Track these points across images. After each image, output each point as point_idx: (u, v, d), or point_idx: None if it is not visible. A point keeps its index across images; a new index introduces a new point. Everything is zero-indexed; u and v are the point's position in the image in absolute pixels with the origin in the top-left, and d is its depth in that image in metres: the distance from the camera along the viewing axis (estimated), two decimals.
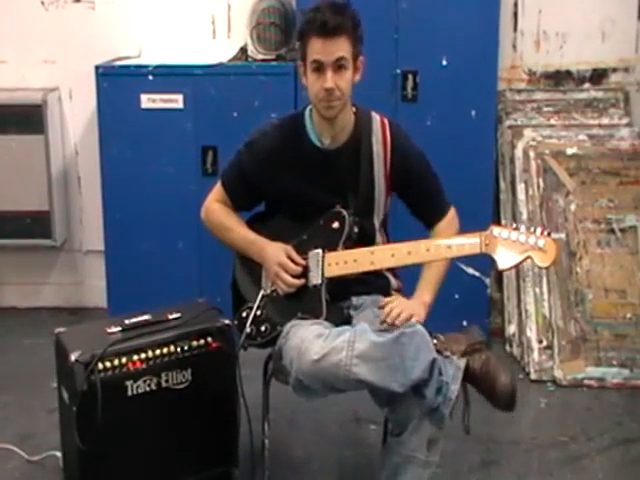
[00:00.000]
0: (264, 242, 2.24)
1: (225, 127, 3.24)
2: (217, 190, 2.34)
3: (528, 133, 3.46)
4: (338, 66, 2.06)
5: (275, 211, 2.31)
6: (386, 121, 2.23)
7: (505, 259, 1.96)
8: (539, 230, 1.96)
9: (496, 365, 2.07)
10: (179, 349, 2.29)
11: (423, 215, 2.27)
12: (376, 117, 2.23)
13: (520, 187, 3.41)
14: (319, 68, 2.07)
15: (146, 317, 2.36)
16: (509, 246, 1.95)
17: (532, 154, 3.40)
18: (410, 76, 3.23)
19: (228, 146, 2.44)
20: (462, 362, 2.07)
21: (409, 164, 2.23)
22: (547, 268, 2.75)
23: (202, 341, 2.33)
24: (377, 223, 2.25)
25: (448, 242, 2.03)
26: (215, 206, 2.33)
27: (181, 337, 2.30)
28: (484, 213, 3.33)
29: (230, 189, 2.31)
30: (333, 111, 2.12)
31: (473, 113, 3.27)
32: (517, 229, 1.97)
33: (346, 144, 2.18)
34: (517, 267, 2.34)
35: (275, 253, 2.20)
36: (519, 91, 3.58)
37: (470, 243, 1.99)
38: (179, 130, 3.29)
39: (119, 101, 3.28)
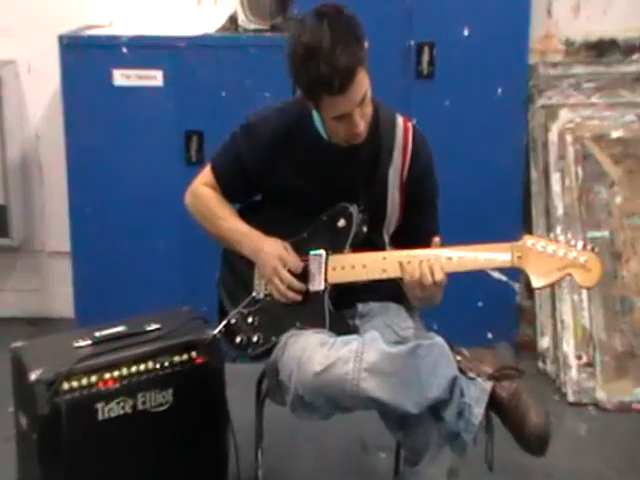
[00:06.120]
0: (259, 235, 2.27)
1: (212, 109, 3.27)
2: (206, 174, 2.36)
3: (565, 114, 3.48)
4: (361, 101, 2.06)
5: (272, 204, 2.34)
6: (410, 126, 2.24)
7: (540, 275, 1.97)
8: (580, 244, 1.95)
9: (528, 399, 2.09)
10: (159, 365, 2.32)
11: (401, 244, 2.24)
12: (399, 120, 2.24)
13: (555, 177, 3.43)
14: (342, 116, 2.07)
15: (120, 328, 2.38)
16: (545, 261, 1.96)
17: (569, 138, 3.42)
18: (426, 49, 3.24)
19: (215, 131, 2.47)
20: (488, 384, 2.10)
21: (422, 186, 2.25)
22: (589, 289, 2.74)
23: (185, 356, 2.35)
24: (387, 237, 2.28)
25: (474, 252, 2.03)
26: (205, 191, 2.34)
27: (161, 351, 2.33)
28: (512, 209, 3.37)
29: (221, 177, 2.33)
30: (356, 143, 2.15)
31: (499, 91, 3.30)
32: (555, 241, 1.97)
33: (362, 143, 2.18)
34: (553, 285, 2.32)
35: (273, 247, 2.23)
36: (554, 65, 3.59)
37: (500, 254, 2.00)
38: (158, 112, 3.31)
39: (87, 77, 3.30)
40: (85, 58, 3.29)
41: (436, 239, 2.06)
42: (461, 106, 3.30)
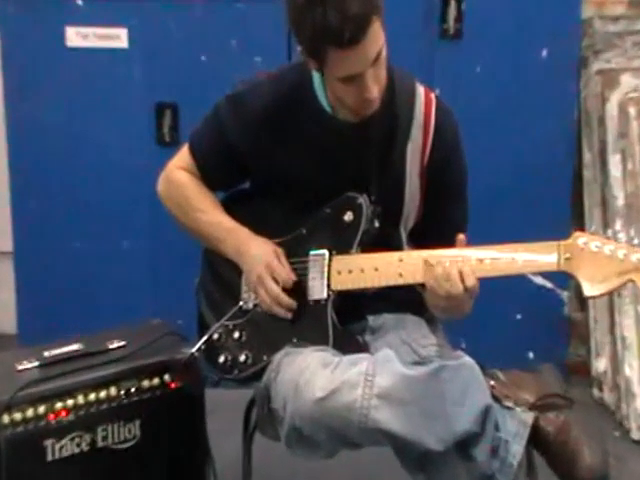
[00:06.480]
0: (247, 233, 2.29)
1: (189, 76, 3.29)
2: (183, 156, 2.39)
3: (627, 80, 3.49)
4: (375, 59, 2.07)
5: (263, 193, 2.36)
6: (432, 97, 2.26)
7: (595, 282, 1.96)
8: None
9: (579, 435, 2.11)
10: (123, 392, 2.34)
11: (421, 242, 2.26)
12: (420, 90, 2.26)
13: (614, 159, 3.45)
14: (352, 78, 2.08)
15: (75, 347, 2.40)
16: (601, 264, 1.96)
17: (632, 111, 3.44)
18: (453, 2, 3.27)
19: (193, 104, 2.49)
20: (529, 416, 2.12)
21: (447, 171, 2.26)
22: None
23: (157, 380, 2.37)
24: (404, 234, 2.30)
25: (512, 253, 2.03)
26: (181, 176, 2.37)
27: (126, 375, 2.34)
28: (559, 199, 3.40)
29: (202, 159, 2.36)
30: (366, 115, 2.17)
31: (544, 53, 3.32)
32: (613, 239, 1.97)
33: (373, 118, 2.19)
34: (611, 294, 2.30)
35: (261, 250, 2.25)
36: (614, 19, 3.60)
37: (543, 256, 2.01)
38: (123, 80, 3.34)
39: (34, 36, 3.33)
40: (31, 12, 3.31)
41: (460, 236, 2.07)
42: (496, 72, 3.32)
